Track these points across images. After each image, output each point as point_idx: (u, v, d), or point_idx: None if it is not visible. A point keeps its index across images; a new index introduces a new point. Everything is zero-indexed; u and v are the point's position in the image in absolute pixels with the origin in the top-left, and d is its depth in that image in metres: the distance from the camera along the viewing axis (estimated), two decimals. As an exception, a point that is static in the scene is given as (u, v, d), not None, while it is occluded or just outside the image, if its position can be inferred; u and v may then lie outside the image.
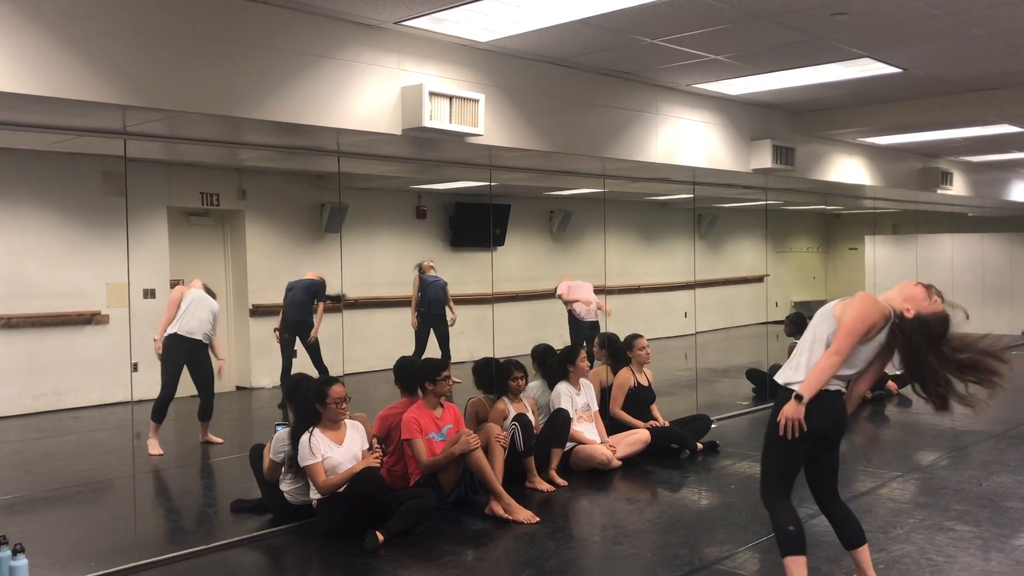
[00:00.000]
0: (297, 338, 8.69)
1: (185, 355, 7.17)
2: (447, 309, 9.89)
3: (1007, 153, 11.42)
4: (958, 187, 12.10)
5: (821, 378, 3.58)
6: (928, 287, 3.73)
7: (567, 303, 10.62)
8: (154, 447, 7.02)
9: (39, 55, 4.05)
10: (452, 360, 9.41)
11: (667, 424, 6.93)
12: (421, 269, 9.92)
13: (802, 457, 3.72)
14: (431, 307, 9.78)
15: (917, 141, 10.04)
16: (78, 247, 8.94)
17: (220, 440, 7.37)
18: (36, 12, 4.04)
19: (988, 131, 9.25)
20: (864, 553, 3.87)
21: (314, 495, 4.91)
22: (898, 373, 4.25)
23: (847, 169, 10.05)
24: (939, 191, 11.61)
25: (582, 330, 10.33)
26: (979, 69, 6.96)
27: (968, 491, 5.62)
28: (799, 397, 3.57)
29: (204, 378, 7.29)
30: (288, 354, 8.76)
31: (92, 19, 4.20)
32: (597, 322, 10.29)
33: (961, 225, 16.77)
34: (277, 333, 8.83)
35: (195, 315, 7.18)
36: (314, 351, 8.65)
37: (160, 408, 7.10)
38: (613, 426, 6.76)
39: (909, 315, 3.65)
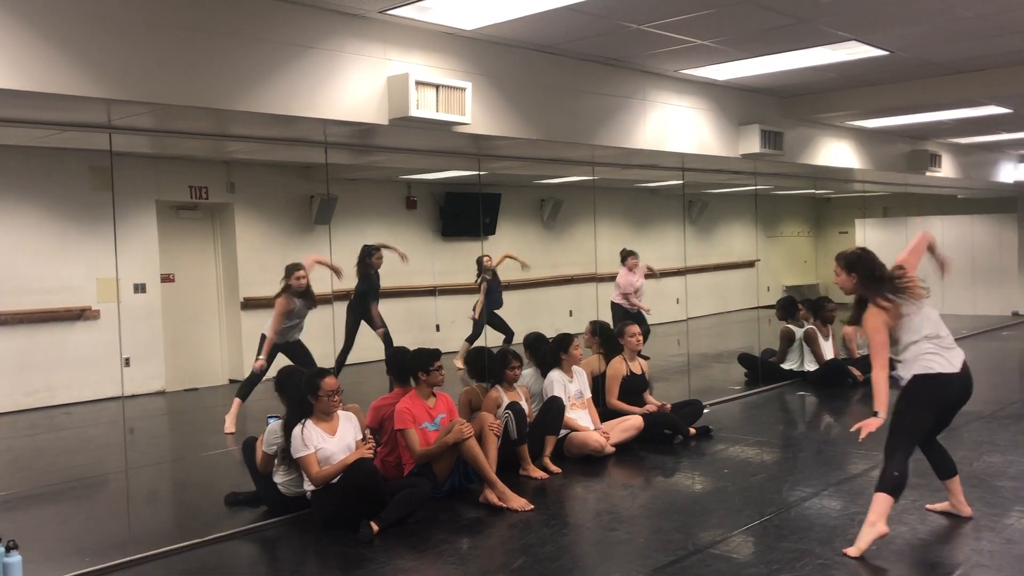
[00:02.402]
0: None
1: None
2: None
3: (995, 134, 11.45)
4: (947, 169, 12.13)
5: (883, 388, 4.21)
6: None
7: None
8: (229, 424, 7.41)
9: (20, 49, 4.02)
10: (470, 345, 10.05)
11: (665, 406, 6.94)
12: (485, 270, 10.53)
13: (929, 424, 4.41)
14: (493, 304, 10.61)
15: (905, 124, 10.06)
16: (67, 243, 8.89)
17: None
18: (17, 5, 4.01)
19: (976, 112, 9.27)
20: (956, 482, 4.65)
21: (308, 486, 4.91)
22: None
23: (836, 153, 10.06)
24: (928, 173, 11.64)
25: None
26: (965, 50, 6.97)
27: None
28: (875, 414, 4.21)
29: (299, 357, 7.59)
30: (352, 335, 9.17)
31: (74, 12, 4.17)
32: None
33: (950, 207, 16.82)
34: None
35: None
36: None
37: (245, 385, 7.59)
38: (607, 413, 6.77)
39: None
